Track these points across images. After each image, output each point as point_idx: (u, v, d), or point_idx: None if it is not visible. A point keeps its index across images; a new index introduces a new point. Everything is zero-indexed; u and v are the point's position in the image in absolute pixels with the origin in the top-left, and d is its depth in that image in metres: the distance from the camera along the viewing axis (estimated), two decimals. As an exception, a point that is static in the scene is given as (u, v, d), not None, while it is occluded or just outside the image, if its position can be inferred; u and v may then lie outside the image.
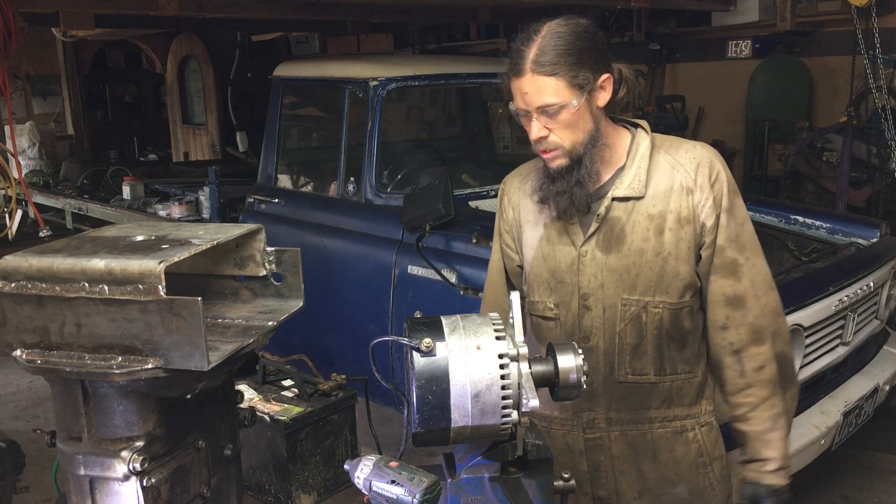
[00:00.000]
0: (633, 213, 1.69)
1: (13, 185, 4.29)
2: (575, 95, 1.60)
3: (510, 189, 1.91)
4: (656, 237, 1.68)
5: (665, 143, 1.75)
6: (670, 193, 1.68)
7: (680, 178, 1.68)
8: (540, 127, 1.63)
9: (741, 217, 1.72)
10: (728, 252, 1.69)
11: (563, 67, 1.58)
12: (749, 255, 1.71)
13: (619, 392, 1.76)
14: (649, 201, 1.69)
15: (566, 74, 1.58)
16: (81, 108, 10.22)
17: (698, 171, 1.68)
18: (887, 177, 5.35)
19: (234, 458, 1.53)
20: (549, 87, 1.58)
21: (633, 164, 1.71)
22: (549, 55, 1.58)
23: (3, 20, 3.33)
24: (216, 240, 1.39)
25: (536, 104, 1.60)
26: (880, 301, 3.54)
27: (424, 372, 1.27)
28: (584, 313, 1.74)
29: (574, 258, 1.74)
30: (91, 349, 1.26)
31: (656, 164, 1.71)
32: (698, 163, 1.69)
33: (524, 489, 1.37)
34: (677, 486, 1.80)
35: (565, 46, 1.58)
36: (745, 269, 1.70)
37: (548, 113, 1.61)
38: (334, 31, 7.65)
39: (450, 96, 5.40)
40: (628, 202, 1.70)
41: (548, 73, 1.58)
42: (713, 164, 1.70)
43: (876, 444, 3.87)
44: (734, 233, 1.69)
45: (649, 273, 1.69)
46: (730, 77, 6.70)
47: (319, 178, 4.55)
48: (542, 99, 1.59)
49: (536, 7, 5.49)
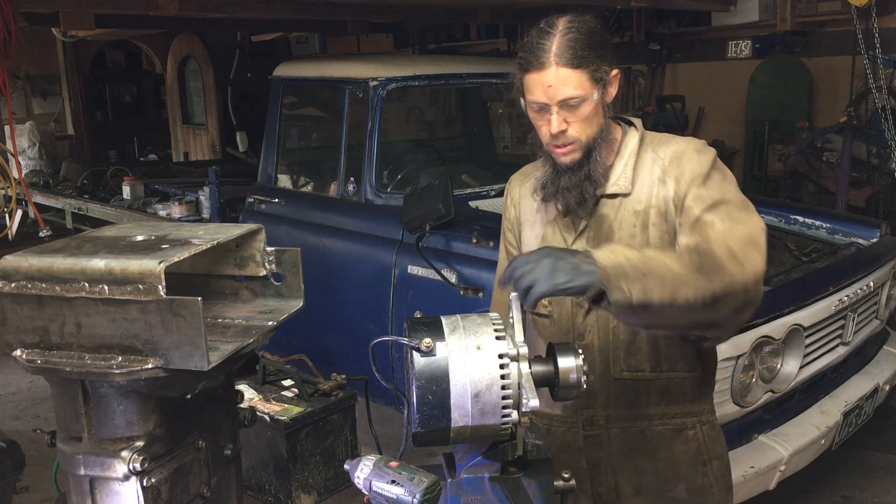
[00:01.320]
0: (620, 210, 1.71)
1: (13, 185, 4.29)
2: (595, 88, 1.62)
3: (513, 188, 1.93)
4: (642, 233, 1.69)
5: (654, 140, 1.76)
6: (652, 188, 1.69)
7: (658, 171, 1.69)
8: (560, 120, 1.63)
9: (721, 187, 1.61)
10: (693, 210, 1.60)
11: (587, 61, 1.59)
12: (724, 214, 1.56)
13: (616, 389, 1.76)
14: (635, 197, 1.70)
15: (589, 67, 1.60)
16: (81, 108, 10.22)
17: (674, 163, 1.68)
18: (887, 177, 5.35)
19: (234, 458, 1.53)
20: (574, 79, 1.59)
21: (622, 162, 1.72)
22: (572, 49, 1.59)
23: (3, 20, 3.33)
24: (216, 240, 1.39)
25: (560, 97, 1.60)
26: (880, 301, 3.54)
27: (424, 372, 1.27)
28: (578, 311, 1.75)
29: None
30: (91, 349, 1.26)
31: (643, 162, 1.72)
32: (675, 155, 1.69)
33: (524, 489, 1.37)
34: (675, 484, 1.80)
35: (586, 41, 1.60)
36: (717, 226, 1.54)
37: (569, 106, 1.61)
38: (334, 31, 7.65)
39: (450, 96, 5.39)
40: (615, 199, 1.71)
41: (574, 65, 1.59)
42: (690, 154, 1.68)
43: (876, 444, 3.87)
44: (706, 193, 1.60)
45: None
46: (730, 77, 6.69)
47: (319, 178, 4.55)
48: (567, 91, 1.60)
49: (536, 7, 5.49)
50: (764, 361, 2.87)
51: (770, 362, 2.90)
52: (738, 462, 2.73)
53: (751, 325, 2.73)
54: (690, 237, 1.58)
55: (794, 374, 2.97)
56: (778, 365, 2.93)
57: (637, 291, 1.37)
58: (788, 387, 2.99)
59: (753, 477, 2.75)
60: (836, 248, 3.60)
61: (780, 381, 2.95)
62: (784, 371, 2.95)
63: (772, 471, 2.82)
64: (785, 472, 2.88)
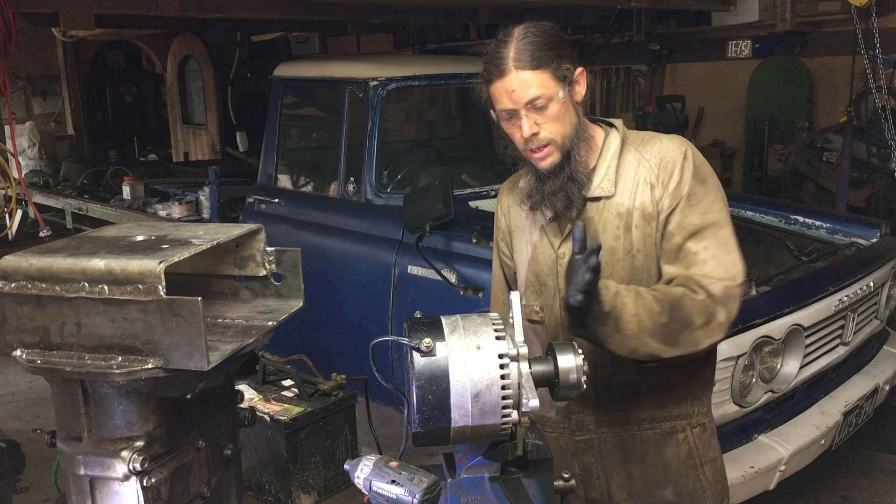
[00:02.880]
0: (604, 213, 1.71)
1: (13, 185, 4.29)
2: (560, 87, 1.62)
3: (503, 197, 1.93)
4: (625, 235, 1.69)
5: (637, 140, 1.75)
6: (636, 190, 1.69)
7: (644, 174, 1.69)
8: (531, 123, 1.63)
9: (703, 206, 1.65)
10: (676, 238, 1.65)
11: (545, 60, 1.60)
12: (708, 244, 1.62)
13: (605, 393, 1.76)
14: (618, 199, 1.70)
15: (549, 66, 1.61)
16: (81, 108, 10.22)
17: (661, 166, 1.68)
18: (887, 177, 5.35)
19: (234, 458, 1.53)
20: (536, 80, 1.60)
21: (604, 164, 1.72)
22: (529, 51, 1.60)
23: (3, 20, 3.34)
24: (216, 240, 1.39)
25: (525, 100, 1.61)
26: (880, 301, 3.54)
27: (424, 372, 1.27)
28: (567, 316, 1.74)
29: (553, 260, 1.75)
30: (91, 349, 1.26)
31: (625, 163, 1.72)
32: (661, 157, 1.69)
33: (524, 489, 1.37)
34: (665, 488, 1.79)
35: (542, 42, 1.61)
36: (699, 259, 1.62)
37: (536, 107, 1.62)
38: (334, 31, 7.65)
39: (450, 96, 5.39)
40: (599, 202, 1.71)
41: (533, 66, 1.60)
42: (676, 156, 1.68)
43: (876, 444, 3.87)
44: (688, 221, 1.64)
45: (622, 272, 1.69)
46: (730, 77, 6.70)
47: (319, 178, 4.55)
48: (530, 93, 1.61)
49: (536, 7, 5.49)
50: (764, 361, 2.87)
51: (770, 362, 2.90)
52: (738, 462, 2.73)
53: (751, 325, 2.74)
54: (674, 266, 1.65)
55: (794, 374, 2.97)
56: (778, 365, 2.93)
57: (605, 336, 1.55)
58: (788, 387, 2.99)
59: (753, 477, 2.75)
60: (836, 248, 3.60)
61: (780, 381, 2.95)
62: (784, 371, 2.95)
63: (772, 471, 2.82)
64: (785, 472, 2.88)
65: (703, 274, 1.60)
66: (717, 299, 1.58)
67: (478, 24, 6.88)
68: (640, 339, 1.55)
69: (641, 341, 1.56)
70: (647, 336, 1.55)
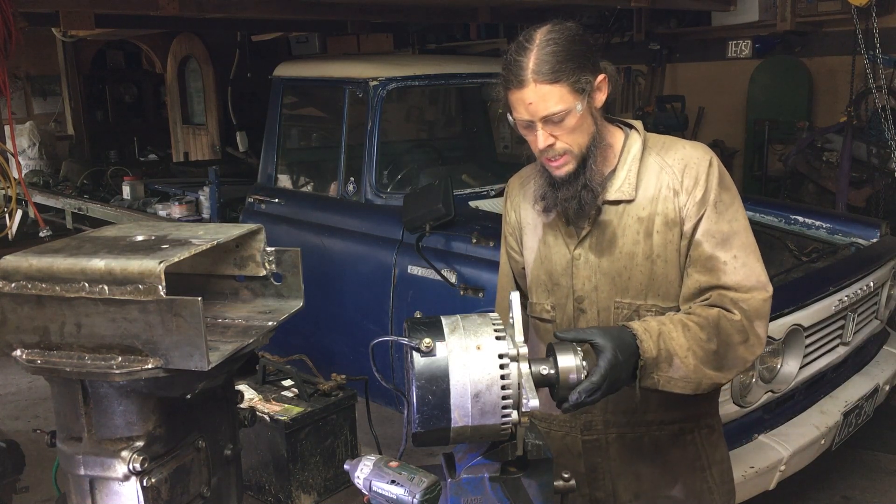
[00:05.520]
0: (623, 217, 1.69)
1: (13, 185, 4.29)
2: (578, 100, 1.59)
3: (512, 192, 1.91)
4: (646, 240, 1.67)
5: (658, 143, 1.74)
6: (658, 196, 1.67)
7: (667, 180, 1.67)
8: (546, 136, 1.61)
9: (729, 214, 1.66)
10: (705, 247, 1.65)
11: (565, 74, 1.57)
12: (737, 252, 1.64)
13: (615, 394, 1.76)
14: (639, 204, 1.68)
15: (568, 80, 1.57)
16: (81, 108, 10.22)
17: (685, 173, 1.67)
18: (887, 177, 5.34)
19: (234, 458, 1.53)
20: (554, 94, 1.57)
21: (624, 167, 1.70)
22: (549, 63, 1.56)
23: (3, 20, 3.33)
24: (216, 240, 1.39)
25: (542, 114, 1.59)
26: (880, 301, 3.54)
27: (424, 372, 1.27)
28: (580, 316, 1.74)
29: (568, 261, 1.74)
30: (91, 349, 1.26)
31: (647, 167, 1.70)
32: (685, 164, 1.68)
33: (524, 489, 1.37)
34: (672, 489, 1.79)
35: (564, 53, 1.57)
36: (729, 268, 1.63)
37: (553, 121, 1.60)
38: (334, 31, 7.64)
39: (450, 96, 5.40)
40: (619, 205, 1.70)
41: (551, 80, 1.56)
42: (700, 163, 1.67)
43: (876, 444, 3.87)
44: (715, 228, 1.64)
45: (640, 276, 1.68)
46: (730, 77, 6.69)
47: (319, 178, 4.55)
48: (548, 108, 1.58)
49: (536, 7, 5.49)
50: (764, 361, 2.87)
51: (770, 362, 2.90)
52: (738, 462, 2.73)
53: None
54: (704, 276, 1.65)
55: (794, 374, 2.97)
56: (778, 365, 2.93)
57: (663, 381, 1.57)
58: (788, 387, 2.99)
59: (753, 477, 2.75)
60: (836, 248, 3.60)
61: (780, 381, 2.95)
62: (784, 371, 2.95)
63: (772, 471, 2.82)
64: (785, 472, 2.88)
65: (735, 284, 1.62)
66: (751, 315, 1.61)
67: (478, 24, 6.89)
68: (700, 371, 1.58)
69: (702, 373, 1.58)
70: (704, 366, 1.58)
